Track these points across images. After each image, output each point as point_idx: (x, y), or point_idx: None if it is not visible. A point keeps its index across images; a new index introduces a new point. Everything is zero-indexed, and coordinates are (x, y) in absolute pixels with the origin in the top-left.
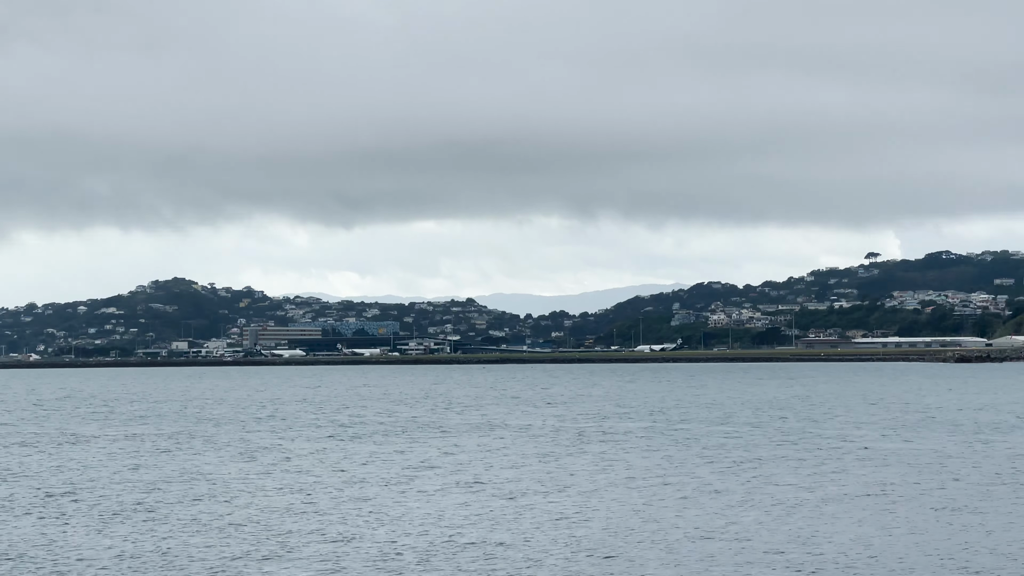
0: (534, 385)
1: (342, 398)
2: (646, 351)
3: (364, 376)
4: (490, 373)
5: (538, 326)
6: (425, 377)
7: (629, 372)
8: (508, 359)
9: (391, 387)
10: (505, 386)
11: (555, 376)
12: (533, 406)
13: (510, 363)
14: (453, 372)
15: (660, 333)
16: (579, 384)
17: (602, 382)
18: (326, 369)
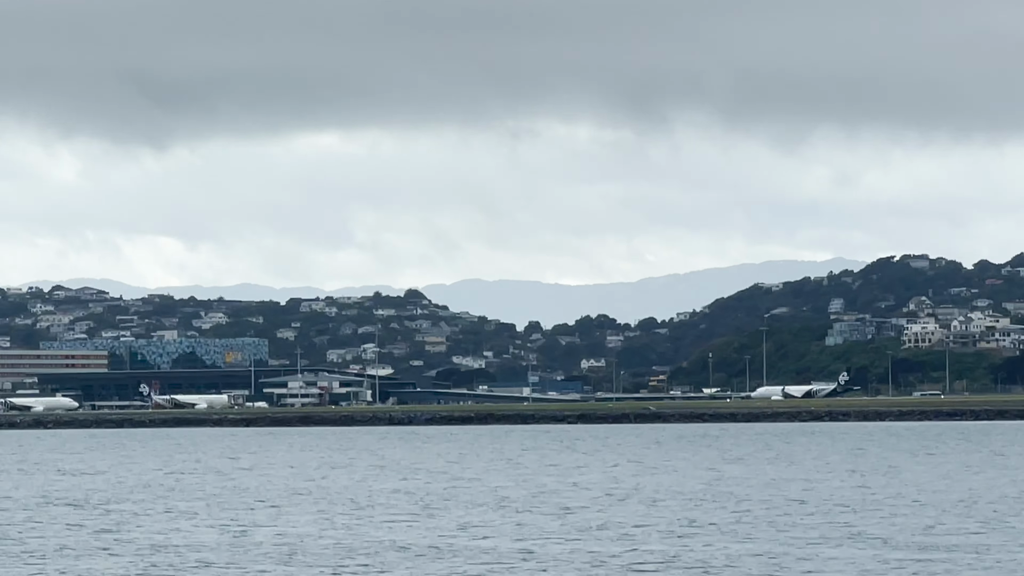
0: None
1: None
2: (775, 397)
3: (171, 475)
4: (459, 453)
5: (552, 347)
6: (318, 472)
7: (754, 451)
8: (490, 415)
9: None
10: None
11: (587, 464)
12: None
13: (496, 422)
14: (383, 447)
15: (803, 360)
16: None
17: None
18: (100, 442)
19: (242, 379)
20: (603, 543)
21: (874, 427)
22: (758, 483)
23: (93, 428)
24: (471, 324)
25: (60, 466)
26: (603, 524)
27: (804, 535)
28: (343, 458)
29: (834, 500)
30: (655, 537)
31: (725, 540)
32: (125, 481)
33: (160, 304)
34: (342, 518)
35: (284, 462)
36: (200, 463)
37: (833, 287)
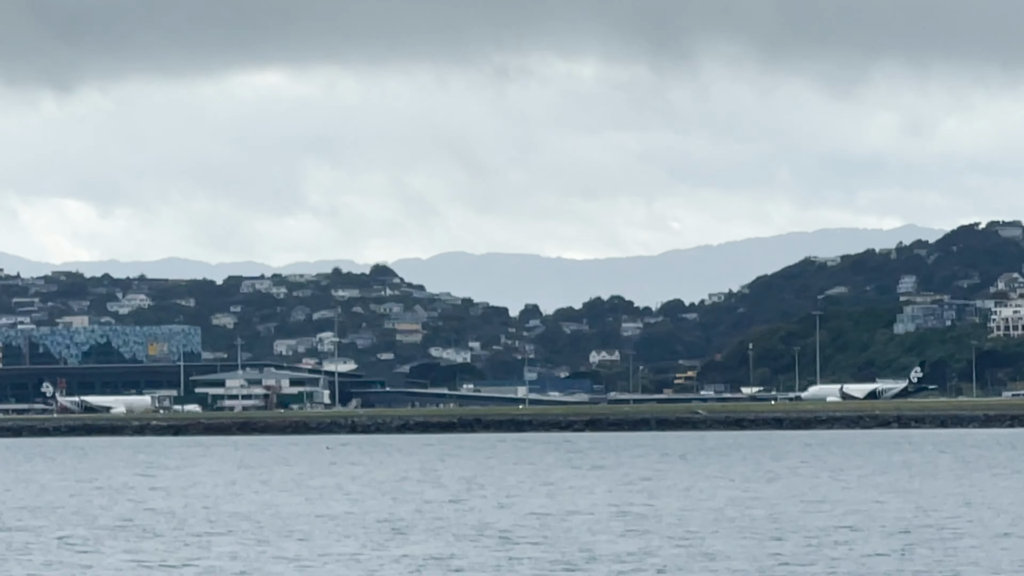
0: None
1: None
2: (831, 398)
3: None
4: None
5: (554, 336)
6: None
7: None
8: (477, 420)
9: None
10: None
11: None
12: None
13: (484, 429)
14: (339, 461)
15: (866, 352)
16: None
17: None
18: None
19: (169, 376)
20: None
21: (954, 436)
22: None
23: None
24: (453, 308)
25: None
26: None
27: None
28: (286, 475)
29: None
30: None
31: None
32: (9, 503)
33: (67, 283)
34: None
35: (211, 480)
36: (109, 480)
37: (903, 261)
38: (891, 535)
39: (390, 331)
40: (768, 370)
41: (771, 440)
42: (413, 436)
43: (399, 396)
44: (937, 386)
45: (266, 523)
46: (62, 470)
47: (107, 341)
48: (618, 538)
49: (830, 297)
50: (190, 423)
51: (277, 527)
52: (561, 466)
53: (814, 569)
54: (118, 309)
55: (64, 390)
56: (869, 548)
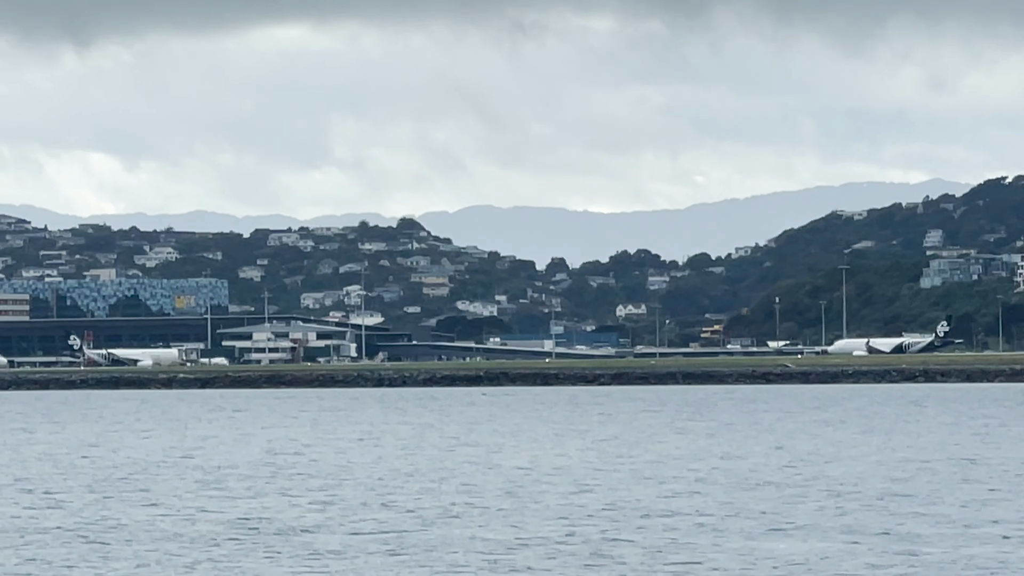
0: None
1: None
2: (858, 352)
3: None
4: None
5: (580, 290)
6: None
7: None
8: (504, 374)
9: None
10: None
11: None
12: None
13: (510, 382)
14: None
15: (893, 306)
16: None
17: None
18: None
19: (196, 329)
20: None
21: (980, 390)
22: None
23: (11, 390)
24: (480, 261)
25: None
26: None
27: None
28: (314, 430)
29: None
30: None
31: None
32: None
33: (94, 236)
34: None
35: (225, 435)
36: (130, 432)
37: (930, 215)
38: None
39: (417, 284)
40: (794, 324)
41: (797, 394)
42: (439, 388)
43: (425, 349)
44: (963, 340)
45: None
46: (87, 422)
47: (134, 294)
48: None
49: (856, 251)
50: (217, 376)
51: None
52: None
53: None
54: (145, 262)
55: (91, 343)
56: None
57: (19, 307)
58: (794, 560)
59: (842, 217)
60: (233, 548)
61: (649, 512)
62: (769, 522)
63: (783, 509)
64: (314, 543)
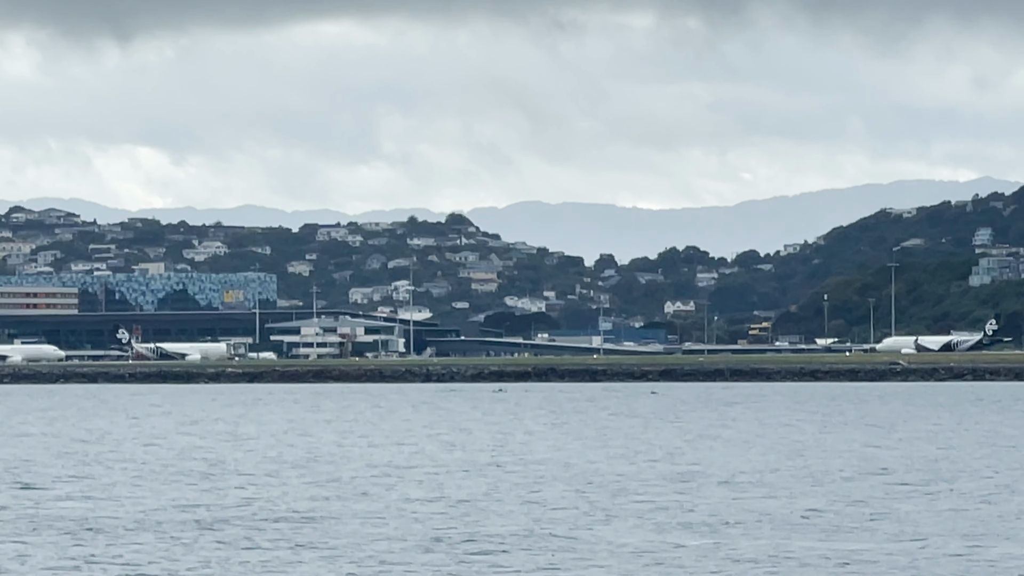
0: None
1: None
2: (906, 350)
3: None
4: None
5: (629, 286)
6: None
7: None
8: (552, 370)
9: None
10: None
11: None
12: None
13: (559, 378)
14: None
15: (942, 304)
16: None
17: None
18: (62, 400)
19: (244, 324)
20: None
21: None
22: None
23: (59, 383)
24: (528, 257)
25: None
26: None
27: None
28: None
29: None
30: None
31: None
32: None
33: (143, 230)
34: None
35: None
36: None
37: (979, 214)
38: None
39: (465, 280)
40: (843, 322)
41: (845, 392)
42: (487, 384)
43: (473, 345)
44: (1012, 338)
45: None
46: (128, 413)
47: (183, 288)
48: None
49: (905, 249)
50: (265, 370)
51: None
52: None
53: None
54: (194, 256)
55: (140, 337)
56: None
57: (68, 300)
58: None
59: (891, 215)
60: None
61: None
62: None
63: None
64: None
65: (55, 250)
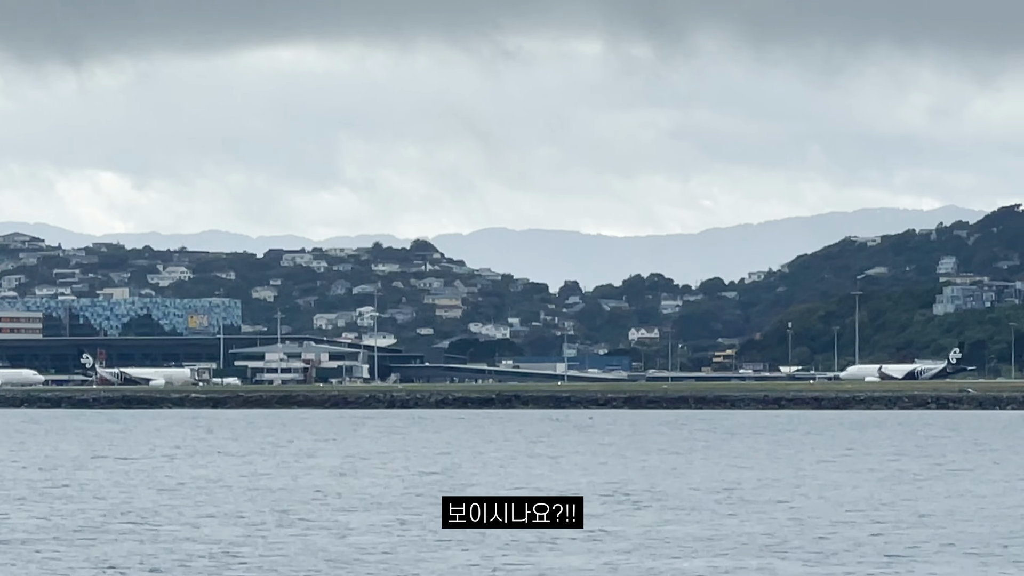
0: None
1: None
2: (870, 378)
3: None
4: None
5: (593, 313)
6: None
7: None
8: (516, 396)
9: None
10: None
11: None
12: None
13: (523, 405)
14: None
15: (906, 332)
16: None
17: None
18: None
19: (209, 349)
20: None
21: (993, 417)
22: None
23: (24, 408)
24: (493, 284)
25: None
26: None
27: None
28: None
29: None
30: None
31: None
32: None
33: (108, 255)
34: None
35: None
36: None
37: (944, 242)
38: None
39: (430, 306)
40: (807, 349)
41: (808, 420)
42: (450, 411)
43: (438, 371)
44: (976, 367)
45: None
46: (93, 439)
47: (147, 313)
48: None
49: (870, 277)
50: (229, 396)
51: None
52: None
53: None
54: (159, 281)
55: (104, 361)
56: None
57: (32, 325)
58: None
59: (855, 243)
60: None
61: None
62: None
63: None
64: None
65: (19, 275)
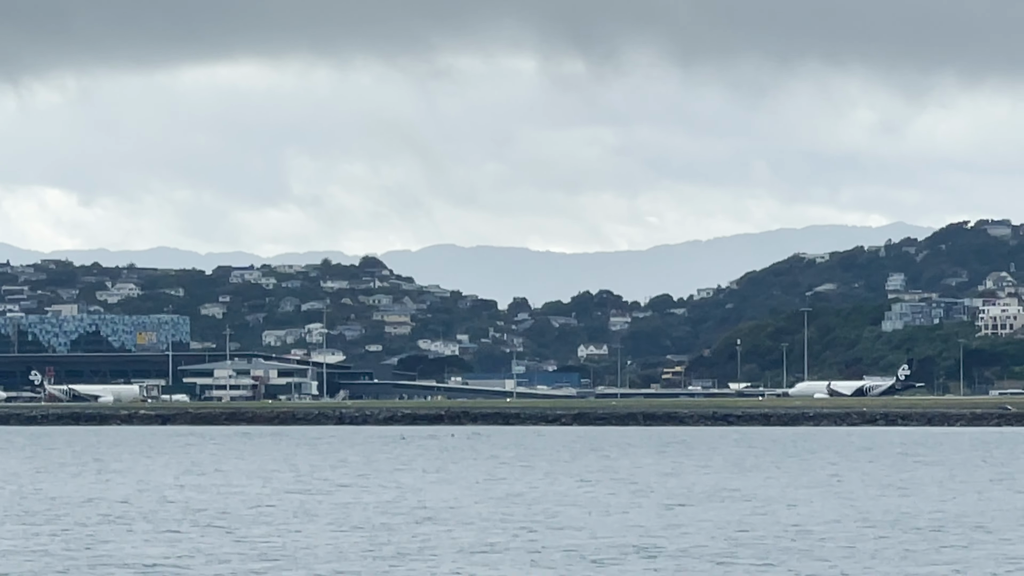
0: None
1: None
2: (819, 395)
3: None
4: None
5: (542, 330)
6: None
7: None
8: (465, 413)
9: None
10: None
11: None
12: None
13: (472, 421)
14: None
15: (854, 349)
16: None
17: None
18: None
19: (157, 366)
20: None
21: (942, 433)
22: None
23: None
24: (442, 300)
25: None
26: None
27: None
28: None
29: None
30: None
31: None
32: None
33: (56, 272)
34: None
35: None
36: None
37: (892, 259)
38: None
39: (379, 323)
40: (756, 366)
41: (758, 436)
42: (400, 427)
43: (387, 388)
44: (924, 384)
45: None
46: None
47: (96, 330)
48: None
49: (818, 294)
50: (178, 413)
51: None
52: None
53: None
54: (107, 298)
55: (52, 378)
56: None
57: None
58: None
59: (804, 260)
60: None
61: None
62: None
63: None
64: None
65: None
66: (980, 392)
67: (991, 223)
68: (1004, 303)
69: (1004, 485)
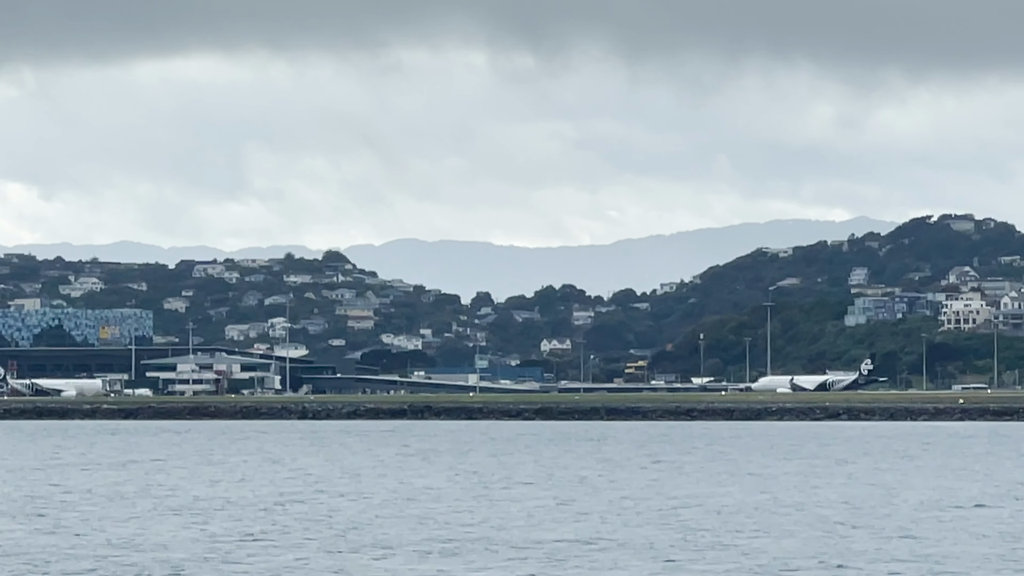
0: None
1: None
2: (782, 390)
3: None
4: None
5: (505, 325)
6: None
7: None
8: (428, 408)
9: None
10: None
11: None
12: None
13: (435, 416)
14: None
15: (817, 344)
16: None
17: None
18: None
19: (120, 360)
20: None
21: (904, 428)
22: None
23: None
24: (405, 295)
25: None
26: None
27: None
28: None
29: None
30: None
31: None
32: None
33: (18, 265)
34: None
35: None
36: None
37: (855, 254)
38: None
39: (342, 317)
40: (719, 360)
41: (720, 431)
42: (362, 422)
43: (350, 382)
44: (887, 379)
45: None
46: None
47: (59, 324)
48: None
49: (781, 288)
50: (141, 407)
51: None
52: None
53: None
54: (70, 292)
55: (15, 373)
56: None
57: None
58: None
59: (767, 254)
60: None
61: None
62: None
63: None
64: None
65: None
66: (943, 387)
67: (954, 218)
68: (967, 298)
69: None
